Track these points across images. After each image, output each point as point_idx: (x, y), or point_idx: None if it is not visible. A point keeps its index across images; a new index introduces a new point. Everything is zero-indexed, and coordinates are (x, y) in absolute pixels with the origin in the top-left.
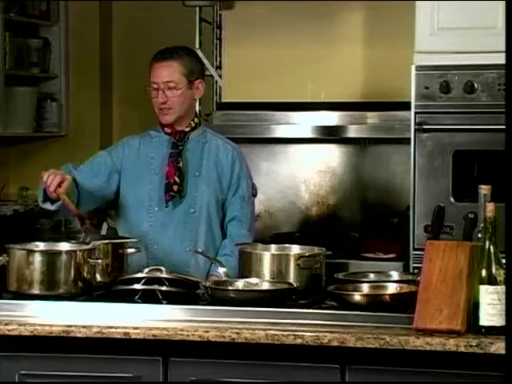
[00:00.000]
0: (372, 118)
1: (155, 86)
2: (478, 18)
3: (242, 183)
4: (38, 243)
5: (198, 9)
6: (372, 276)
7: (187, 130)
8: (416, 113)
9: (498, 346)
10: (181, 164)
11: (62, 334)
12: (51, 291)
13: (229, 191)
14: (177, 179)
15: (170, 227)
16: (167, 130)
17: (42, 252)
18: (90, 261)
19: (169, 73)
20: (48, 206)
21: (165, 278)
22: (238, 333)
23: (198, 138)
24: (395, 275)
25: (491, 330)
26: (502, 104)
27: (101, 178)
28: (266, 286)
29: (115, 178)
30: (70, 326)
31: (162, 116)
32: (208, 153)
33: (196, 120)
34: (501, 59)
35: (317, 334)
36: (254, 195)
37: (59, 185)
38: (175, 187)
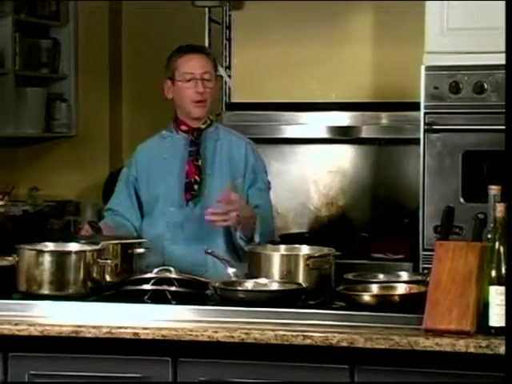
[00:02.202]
0: (381, 118)
1: (190, 76)
2: (487, 18)
3: (258, 176)
4: (47, 243)
5: (207, 9)
6: (381, 276)
7: (203, 127)
8: (425, 113)
9: None
10: (200, 162)
11: (71, 334)
12: (61, 291)
13: (244, 185)
14: (197, 178)
15: (186, 227)
16: (184, 127)
17: (52, 252)
18: (100, 261)
19: (204, 64)
20: None
21: (174, 279)
22: (247, 333)
23: (211, 135)
24: (405, 276)
25: (501, 331)
26: None
27: (135, 201)
28: (275, 286)
29: (136, 188)
30: (79, 327)
31: (194, 109)
32: (220, 149)
33: (211, 117)
34: None
35: (326, 334)
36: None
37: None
38: (196, 186)
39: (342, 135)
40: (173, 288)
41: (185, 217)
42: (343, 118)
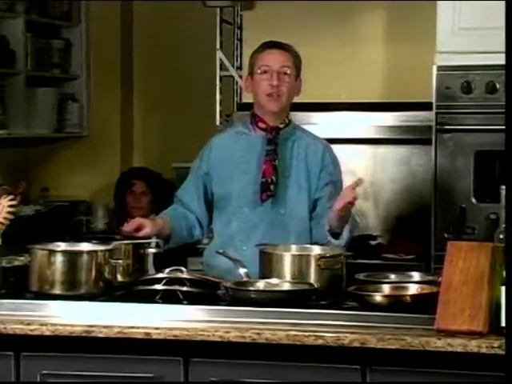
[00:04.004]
0: (393, 118)
1: (267, 68)
2: (499, 17)
3: (334, 178)
4: (59, 243)
5: (218, 9)
6: (393, 277)
7: (281, 126)
8: (437, 113)
9: None
10: (276, 162)
11: (83, 334)
12: (72, 291)
13: (318, 186)
14: (274, 178)
15: (259, 228)
16: (261, 125)
17: (64, 252)
18: (111, 261)
19: (284, 58)
20: None
21: (185, 279)
22: (258, 333)
23: (288, 136)
24: (416, 276)
25: None
26: None
27: (202, 194)
28: (286, 286)
29: (205, 182)
30: (91, 326)
31: (269, 103)
32: (298, 151)
33: (289, 116)
34: None
35: (338, 334)
36: None
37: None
38: (272, 186)
39: (353, 135)
40: (184, 288)
41: (259, 217)
42: (355, 118)
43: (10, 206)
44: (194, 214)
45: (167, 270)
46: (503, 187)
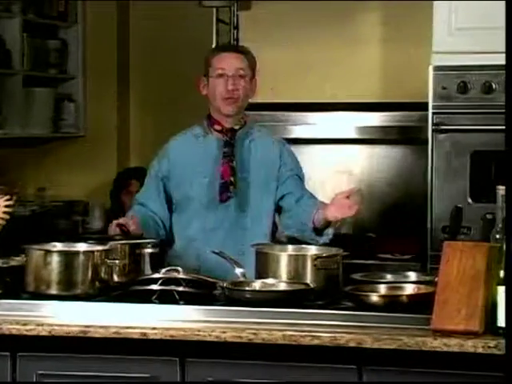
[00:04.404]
0: (389, 118)
1: (222, 72)
2: (495, 17)
3: (295, 172)
4: (55, 243)
5: (214, 9)
6: (389, 277)
7: (237, 127)
8: (433, 113)
9: None
10: (234, 164)
11: (79, 334)
12: (69, 291)
13: (280, 182)
14: (232, 179)
15: (221, 229)
16: (217, 127)
17: (60, 252)
18: (108, 261)
19: (239, 62)
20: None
21: (182, 279)
22: (255, 333)
23: (244, 136)
24: (412, 276)
25: None
26: None
27: (163, 197)
28: (282, 286)
29: (164, 185)
30: (87, 327)
31: (225, 106)
32: (255, 152)
33: (244, 117)
34: None
35: (334, 334)
36: None
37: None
38: (231, 187)
39: (350, 135)
40: (180, 288)
41: (217, 219)
42: (351, 119)
43: (7, 206)
44: (157, 215)
45: (163, 270)
46: (499, 187)
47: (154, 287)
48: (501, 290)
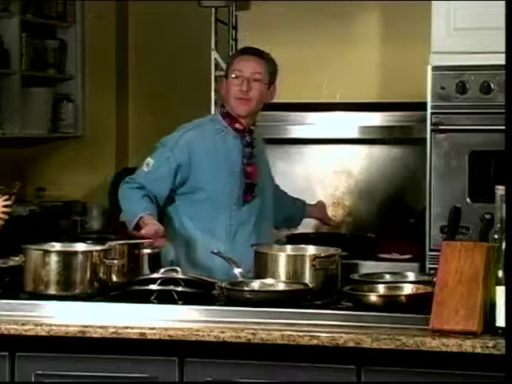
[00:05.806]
0: (388, 118)
1: (239, 73)
2: (494, 18)
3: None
4: (54, 243)
5: (213, 9)
6: (388, 277)
7: (253, 128)
8: (432, 113)
9: None
10: (258, 165)
11: (78, 334)
12: (67, 291)
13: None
14: (255, 180)
15: (247, 226)
16: (239, 126)
17: (58, 252)
18: (106, 261)
19: (257, 65)
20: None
21: (180, 279)
22: (253, 333)
23: (256, 138)
24: (411, 276)
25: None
26: None
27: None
28: (281, 286)
29: (177, 173)
30: (86, 327)
31: (238, 106)
32: (261, 153)
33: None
34: None
35: (332, 334)
36: None
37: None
38: (256, 188)
39: (348, 135)
40: (179, 288)
41: (244, 216)
42: (350, 119)
43: (5, 206)
44: (157, 198)
45: (162, 270)
46: (498, 187)
47: (153, 287)
48: (499, 290)
